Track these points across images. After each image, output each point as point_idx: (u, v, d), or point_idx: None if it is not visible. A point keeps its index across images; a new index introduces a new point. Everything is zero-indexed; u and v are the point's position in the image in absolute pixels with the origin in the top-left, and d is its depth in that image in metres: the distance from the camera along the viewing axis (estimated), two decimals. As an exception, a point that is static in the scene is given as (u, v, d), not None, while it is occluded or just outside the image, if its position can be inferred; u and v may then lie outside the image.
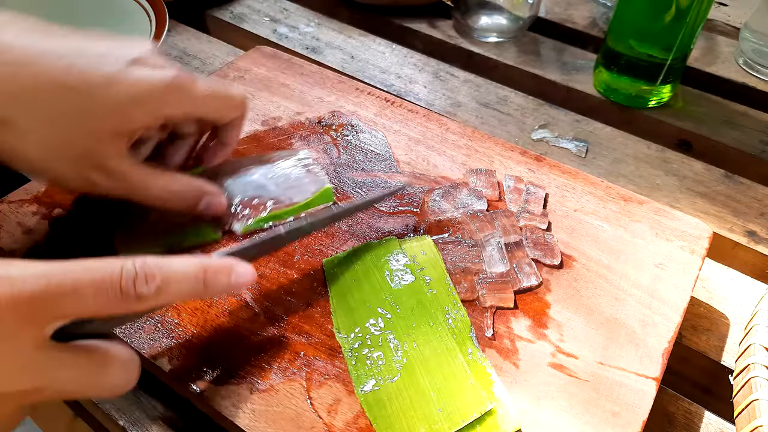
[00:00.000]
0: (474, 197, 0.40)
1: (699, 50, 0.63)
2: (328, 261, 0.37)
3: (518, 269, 0.36)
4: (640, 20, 0.51)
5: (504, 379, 0.32)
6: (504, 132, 0.53)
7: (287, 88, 0.50)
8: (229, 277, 0.27)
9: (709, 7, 0.49)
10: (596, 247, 0.38)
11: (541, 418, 0.30)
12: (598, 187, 0.42)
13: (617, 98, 0.56)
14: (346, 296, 0.35)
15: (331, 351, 0.33)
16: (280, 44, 0.64)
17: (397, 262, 0.36)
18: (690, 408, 0.35)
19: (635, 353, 0.33)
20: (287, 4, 0.70)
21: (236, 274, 0.28)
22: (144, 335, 0.33)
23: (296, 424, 0.29)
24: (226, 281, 0.27)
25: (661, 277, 0.36)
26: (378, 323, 0.33)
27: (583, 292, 0.36)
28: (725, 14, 0.68)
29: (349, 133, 0.46)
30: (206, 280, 0.26)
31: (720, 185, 0.49)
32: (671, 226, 0.39)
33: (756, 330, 0.32)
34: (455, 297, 0.35)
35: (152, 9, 0.55)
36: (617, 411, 0.30)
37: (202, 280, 0.26)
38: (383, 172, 0.43)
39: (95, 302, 0.23)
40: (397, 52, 0.63)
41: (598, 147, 0.52)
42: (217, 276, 0.27)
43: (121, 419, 0.34)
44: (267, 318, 0.34)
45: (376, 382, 0.31)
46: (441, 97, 0.57)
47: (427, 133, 0.46)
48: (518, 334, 0.34)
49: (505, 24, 0.64)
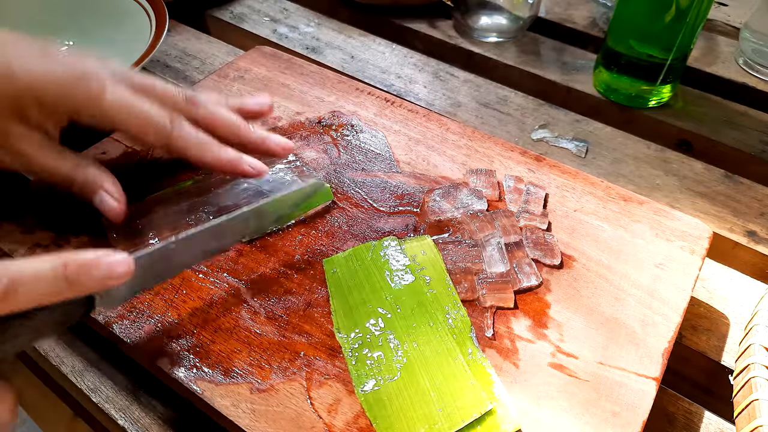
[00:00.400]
0: (474, 197, 0.40)
1: (699, 50, 0.63)
2: (328, 261, 0.37)
3: (518, 269, 0.36)
4: (640, 20, 0.51)
5: (504, 379, 0.32)
6: (504, 132, 0.53)
7: (287, 88, 0.50)
8: (99, 269, 0.26)
9: (709, 7, 0.49)
10: (596, 247, 0.38)
11: (541, 418, 0.30)
12: (598, 187, 0.42)
13: (617, 98, 0.56)
14: (346, 296, 0.35)
15: (331, 351, 0.33)
16: (280, 44, 0.64)
17: (397, 262, 0.36)
18: (690, 408, 0.35)
19: (635, 353, 0.33)
20: (287, 4, 0.70)
21: (108, 264, 0.26)
22: (144, 335, 0.33)
23: (296, 424, 0.30)
24: (97, 274, 0.26)
25: (661, 277, 0.36)
26: (378, 323, 0.33)
27: (583, 292, 0.36)
28: (725, 14, 0.68)
29: (349, 133, 0.46)
30: (68, 276, 0.25)
31: (720, 185, 0.49)
32: (671, 226, 0.39)
33: (756, 330, 0.32)
34: (455, 297, 0.35)
35: (152, 9, 0.55)
36: (617, 411, 0.30)
37: (62, 277, 0.25)
38: (383, 172, 0.43)
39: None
40: (397, 52, 0.63)
41: (598, 147, 0.52)
42: (82, 270, 0.26)
43: (121, 419, 0.34)
44: (267, 318, 0.34)
45: (376, 382, 0.31)
46: (441, 97, 0.57)
47: (427, 133, 0.46)
48: (518, 334, 0.34)
49: (505, 24, 0.64)
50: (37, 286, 0.25)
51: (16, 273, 0.24)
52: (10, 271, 0.24)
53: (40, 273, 0.25)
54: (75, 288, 0.26)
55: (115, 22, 0.58)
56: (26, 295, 0.24)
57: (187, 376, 0.31)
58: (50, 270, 0.25)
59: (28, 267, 0.24)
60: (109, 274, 0.26)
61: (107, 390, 0.36)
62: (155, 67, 0.60)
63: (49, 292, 0.25)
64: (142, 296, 0.35)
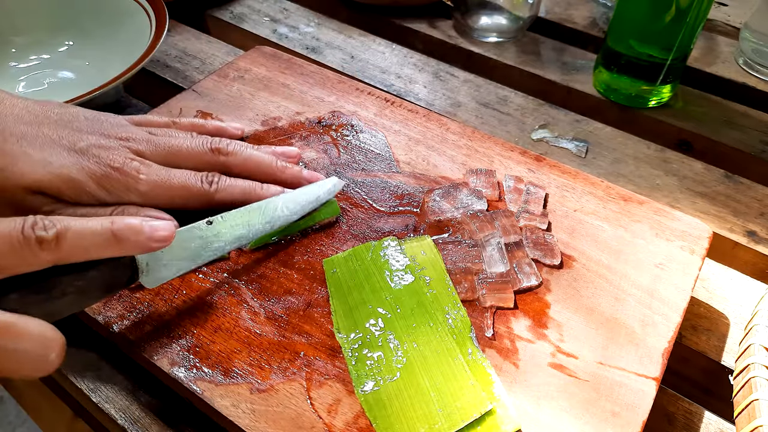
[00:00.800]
0: (474, 197, 0.40)
1: (699, 50, 0.63)
2: (328, 261, 0.37)
3: (518, 269, 0.36)
4: (640, 20, 0.51)
5: (504, 379, 0.32)
6: (504, 132, 0.53)
7: (287, 88, 0.50)
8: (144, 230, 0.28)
9: (709, 7, 0.49)
10: (596, 247, 0.38)
11: (541, 418, 0.30)
12: (598, 187, 0.42)
13: (617, 98, 0.56)
14: (346, 296, 0.35)
15: (331, 351, 0.33)
16: (280, 44, 0.64)
17: (396, 262, 0.36)
18: (690, 408, 0.35)
19: (635, 353, 0.33)
20: (287, 4, 0.70)
21: (151, 227, 0.28)
22: (144, 335, 0.33)
23: (296, 424, 0.30)
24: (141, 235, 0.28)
25: (661, 277, 0.36)
26: (378, 323, 0.33)
27: (583, 292, 0.36)
28: (725, 14, 0.68)
29: (349, 133, 0.46)
30: (115, 232, 0.27)
31: (720, 185, 0.49)
32: (671, 226, 0.39)
33: (756, 330, 0.32)
34: (455, 297, 0.35)
35: (152, 9, 0.55)
36: (617, 411, 0.30)
37: (109, 231, 0.27)
38: (383, 172, 0.43)
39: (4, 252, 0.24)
40: (397, 52, 0.63)
41: (598, 147, 0.52)
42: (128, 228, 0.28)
43: (121, 419, 0.34)
44: (267, 318, 0.34)
45: (376, 382, 0.31)
46: (441, 97, 0.57)
47: (427, 133, 0.46)
48: (518, 334, 0.34)
49: (505, 24, 0.64)
50: (85, 237, 0.26)
51: (66, 224, 0.26)
52: (63, 221, 0.26)
53: (88, 225, 0.27)
54: (120, 245, 0.27)
55: (115, 22, 0.58)
56: (75, 244, 0.26)
57: (187, 376, 0.31)
58: (98, 224, 0.27)
59: (77, 221, 0.27)
60: (151, 236, 0.28)
61: (107, 390, 0.36)
62: (155, 67, 0.60)
63: (96, 244, 0.27)
64: (142, 296, 0.35)
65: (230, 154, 0.38)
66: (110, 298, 0.35)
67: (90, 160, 0.34)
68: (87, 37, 0.59)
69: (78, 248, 0.26)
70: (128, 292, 0.35)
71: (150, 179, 0.35)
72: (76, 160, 0.34)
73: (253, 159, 0.38)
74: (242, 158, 0.38)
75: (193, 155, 0.37)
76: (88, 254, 0.27)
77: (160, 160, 0.36)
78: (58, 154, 0.34)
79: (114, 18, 0.58)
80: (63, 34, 0.60)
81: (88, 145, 0.35)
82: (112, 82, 0.47)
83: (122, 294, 0.35)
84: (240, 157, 0.38)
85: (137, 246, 0.28)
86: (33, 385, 0.45)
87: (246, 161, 0.38)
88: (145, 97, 0.56)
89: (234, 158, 0.38)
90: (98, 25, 0.59)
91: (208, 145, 0.38)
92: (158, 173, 0.35)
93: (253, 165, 0.38)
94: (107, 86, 0.46)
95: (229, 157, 0.38)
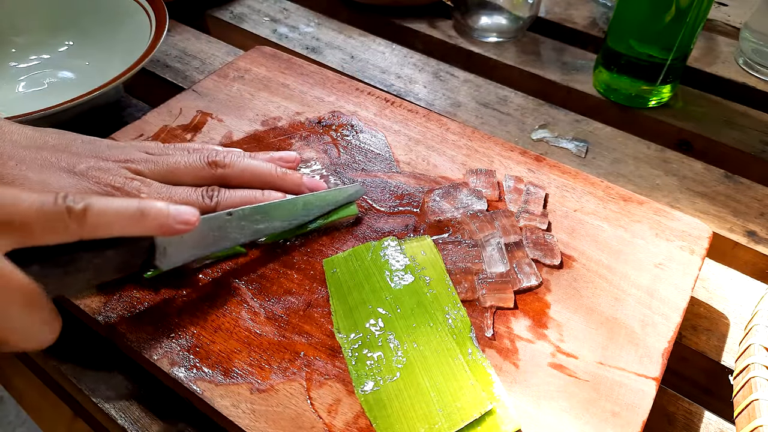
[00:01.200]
0: (474, 197, 0.40)
1: (699, 50, 0.63)
2: (328, 261, 0.37)
3: (518, 269, 0.36)
4: (640, 20, 0.51)
5: (504, 379, 0.32)
6: (504, 132, 0.53)
7: (287, 88, 0.50)
8: (169, 211, 0.29)
9: (709, 7, 0.49)
10: (596, 247, 0.38)
11: (541, 418, 0.30)
12: (598, 187, 0.42)
13: (617, 98, 0.56)
14: (346, 296, 0.35)
15: (331, 351, 0.33)
16: (280, 44, 0.64)
17: (396, 262, 0.36)
18: (690, 408, 0.35)
19: (635, 353, 0.33)
20: (287, 4, 0.70)
21: (176, 209, 0.29)
22: (144, 335, 0.33)
23: (296, 424, 0.30)
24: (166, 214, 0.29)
25: (661, 277, 0.36)
26: (378, 323, 0.33)
27: (583, 292, 0.36)
28: (725, 14, 0.68)
29: (349, 134, 0.46)
30: (142, 209, 0.28)
31: (720, 185, 0.49)
32: (671, 226, 0.39)
33: (756, 330, 0.32)
34: (455, 297, 0.35)
35: (152, 9, 0.55)
36: (617, 411, 0.30)
37: (136, 209, 0.28)
38: (383, 172, 0.43)
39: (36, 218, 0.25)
40: (397, 52, 0.63)
41: (598, 147, 0.52)
42: (153, 208, 0.29)
43: (121, 419, 0.34)
44: (267, 318, 0.34)
45: (376, 383, 0.31)
46: (441, 97, 0.57)
47: (427, 133, 0.46)
48: (518, 334, 0.34)
49: (505, 24, 0.64)
50: (111, 212, 0.27)
51: (94, 199, 0.27)
52: (89, 197, 0.27)
53: (117, 201, 0.28)
54: (145, 223, 0.28)
55: (115, 22, 0.58)
56: (101, 218, 0.27)
57: (187, 376, 0.31)
58: (126, 202, 0.28)
59: (104, 198, 0.27)
60: (177, 218, 0.29)
61: (107, 390, 0.36)
62: (155, 67, 0.60)
63: (122, 220, 0.28)
64: (142, 296, 0.35)
65: (227, 166, 0.38)
66: (110, 299, 0.35)
67: (90, 182, 0.34)
68: (87, 37, 0.59)
69: (103, 223, 0.27)
70: (128, 292, 0.35)
71: (151, 197, 0.35)
72: (76, 181, 0.34)
73: (249, 169, 0.39)
74: (239, 169, 0.38)
75: (191, 171, 0.38)
76: (111, 230, 0.28)
77: (159, 178, 0.37)
78: (58, 176, 0.34)
79: (114, 18, 0.58)
80: (63, 34, 0.60)
81: (88, 167, 0.35)
82: (112, 82, 0.47)
83: (122, 294, 0.35)
84: (237, 168, 0.38)
85: (161, 227, 0.29)
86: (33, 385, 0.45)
87: (243, 172, 0.38)
88: (145, 97, 0.56)
89: (231, 170, 0.38)
90: (98, 25, 0.59)
91: (204, 159, 0.38)
92: (159, 191, 0.36)
93: (249, 175, 0.39)
94: (107, 86, 0.46)
95: (227, 169, 0.38)
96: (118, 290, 0.35)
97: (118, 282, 0.35)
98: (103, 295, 0.35)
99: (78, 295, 0.35)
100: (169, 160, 0.38)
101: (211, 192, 0.37)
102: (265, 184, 0.39)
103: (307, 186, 0.40)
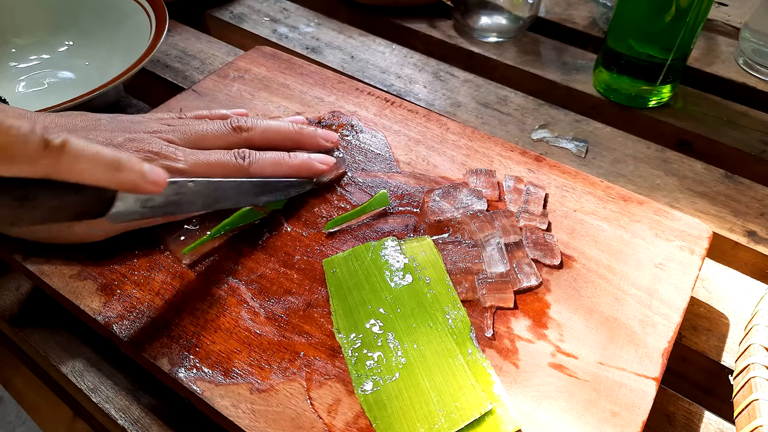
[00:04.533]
0: (474, 197, 0.40)
1: (699, 50, 0.63)
2: (328, 261, 0.37)
3: (518, 269, 0.36)
4: (640, 20, 0.51)
5: (504, 379, 0.32)
6: (504, 132, 0.53)
7: (287, 88, 0.50)
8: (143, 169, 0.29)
9: (709, 7, 0.49)
10: (596, 247, 0.38)
11: (541, 418, 0.30)
12: (598, 187, 0.42)
13: (617, 98, 0.56)
14: (346, 297, 0.35)
15: (331, 351, 0.33)
16: (280, 44, 0.64)
17: (396, 262, 0.36)
18: (690, 408, 0.35)
19: (635, 353, 0.33)
20: (287, 4, 0.70)
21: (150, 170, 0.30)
22: (144, 335, 0.33)
23: (296, 424, 0.30)
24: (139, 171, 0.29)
25: (661, 277, 0.36)
26: (378, 324, 0.33)
27: (583, 292, 0.36)
28: (725, 14, 0.68)
29: (349, 134, 0.46)
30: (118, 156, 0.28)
31: (720, 185, 0.49)
32: (671, 226, 0.39)
33: (756, 330, 0.32)
34: (455, 297, 0.35)
35: (152, 9, 0.55)
36: (617, 411, 0.30)
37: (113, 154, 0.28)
38: (383, 172, 0.43)
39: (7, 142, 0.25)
40: (397, 52, 0.63)
41: (598, 147, 0.52)
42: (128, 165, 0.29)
43: (121, 419, 0.34)
44: (267, 318, 0.34)
45: (376, 383, 0.31)
46: (441, 97, 0.57)
47: (427, 133, 0.46)
48: (518, 334, 0.34)
49: (505, 24, 0.64)
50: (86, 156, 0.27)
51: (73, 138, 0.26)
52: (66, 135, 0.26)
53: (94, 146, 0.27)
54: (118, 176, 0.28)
55: (115, 22, 0.58)
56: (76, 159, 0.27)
57: (187, 376, 0.31)
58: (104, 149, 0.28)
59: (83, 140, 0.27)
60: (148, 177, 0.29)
61: (107, 390, 0.36)
62: (155, 67, 0.60)
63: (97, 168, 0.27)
64: (142, 296, 0.35)
65: (251, 129, 0.41)
66: (110, 299, 0.35)
67: (130, 151, 0.36)
68: (87, 37, 0.59)
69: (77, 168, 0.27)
70: (128, 292, 0.35)
71: (189, 160, 0.37)
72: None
73: (272, 128, 0.41)
74: (261, 130, 0.41)
75: (219, 137, 0.40)
76: (82, 176, 0.27)
77: (190, 145, 0.39)
78: None
79: (114, 18, 0.58)
80: (63, 34, 0.60)
81: (124, 140, 0.36)
82: (112, 82, 0.47)
83: (122, 294, 0.35)
84: (259, 129, 0.41)
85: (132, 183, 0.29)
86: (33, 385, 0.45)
87: (266, 131, 0.41)
88: (145, 97, 0.56)
89: (254, 132, 0.41)
90: (98, 25, 0.59)
91: (228, 125, 0.40)
92: (195, 154, 0.38)
93: (273, 133, 0.41)
94: (107, 86, 0.46)
95: (250, 132, 0.41)
96: (119, 290, 0.35)
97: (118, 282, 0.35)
98: (103, 295, 0.35)
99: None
100: (196, 128, 0.39)
101: (244, 153, 0.39)
102: (285, 140, 0.42)
103: (322, 137, 0.43)
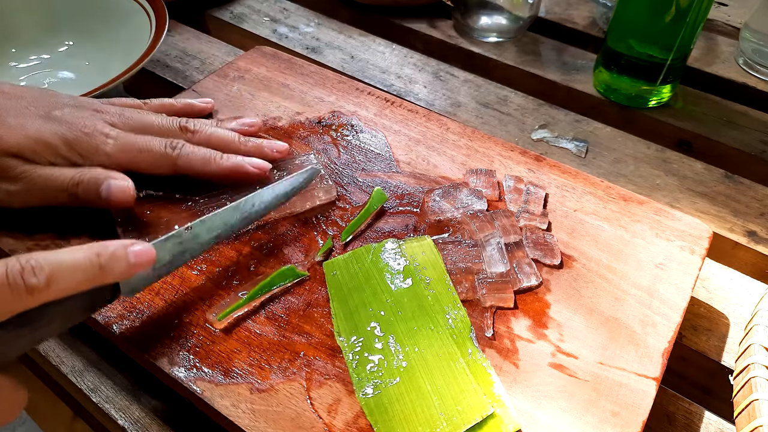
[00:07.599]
0: (474, 197, 0.40)
1: (699, 50, 0.63)
2: (328, 263, 0.37)
3: (518, 269, 0.36)
4: (640, 20, 0.51)
5: (504, 379, 0.32)
6: (504, 132, 0.53)
7: (287, 88, 0.50)
8: (128, 258, 0.28)
9: (709, 7, 0.49)
10: (596, 247, 0.38)
11: (541, 418, 0.30)
12: (598, 187, 0.42)
13: (617, 98, 0.56)
14: (346, 299, 0.35)
15: (332, 351, 0.33)
16: (280, 44, 0.64)
17: (397, 264, 0.36)
18: (690, 408, 0.35)
19: (635, 353, 0.33)
20: (287, 4, 0.70)
21: (134, 254, 0.28)
22: (144, 335, 0.33)
23: (296, 424, 0.30)
24: (125, 263, 0.28)
25: (661, 277, 0.36)
26: (378, 326, 0.33)
27: (583, 292, 0.36)
28: (725, 14, 0.68)
29: (349, 133, 0.46)
30: (102, 265, 0.27)
31: (720, 185, 0.49)
32: (671, 226, 0.39)
33: (756, 330, 0.32)
34: (455, 297, 0.35)
35: (152, 9, 0.55)
36: (617, 411, 0.30)
37: (97, 265, 0.27)
38: (383, 172, 0.43)
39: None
40: (397, 52, 0.63)
41: (598, 147, 0.52)
42: (113, 258, 0.28)
43: (121, 419, 0.34)
44: (267, 318, 0.34)
45: (377, 386, 0.31)
46: (441, 97, 0.57)
47: (427, 133, 0.46)
48: (518, 334, 0.34)
49: (505, 24, 0.64)
50: (75, 275, 0.26)
51: (55, 263, 0.25)
52: (50, 261, 0.25)
53: (77, 262, 0.26)
54: (106, 276, 0.28)
55: (115, 22, 0.58)
56: (67, 282, 0.26)
57: (187, 376, 0.31)
58: (85, 259, 0.27)
59: (66, 257, 0.26)
60: (136, 262, 0.29)
61: (107, 390, 0.36)
62: (155, 67, 0.60)
63: (85, 279, 0.27)
64: (142, 296, 0.35)
65: (196, 132, 0.41)
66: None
67: (63, 126, 0.37)
68: (87, 37, 0.59)
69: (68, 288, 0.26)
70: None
71: (117, 142, 0.38)
72: (50, 126, 0.37)
73: (217, 135, 0.41)
74: (206, 135, 0.41)
75: (163, 131, 0.40)
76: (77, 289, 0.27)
77: (130, 131, 0.39)
78: (34, 121, 0.37)
79: (114, 18, 0.58)
80: (63, 34, 0.60)
81: (63, 113, 0.38)
82: (112, 82, 0.47)
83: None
84: (204, 134, 0.41)
85: (122, 275, 0.28)
86: (33, 385, 0.45)
87: (210, 137, 0.41)
88: (145, 97, 0.56)
89: (199, 135, 0.41)
90: (98, 25, 0.59)
91: (177, 123, 0.41)
92: (126, 137, 0.38)
93: (216, 139, 0.41)
94: (107, 86, 0.46)
95: (195, 135, 0.41)
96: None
97: None
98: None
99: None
100: (144, 118, 0.40)
101: (175, 143, 0.39)
102: (226, 149, 0.41)
103: (267, 148, 0.42)
